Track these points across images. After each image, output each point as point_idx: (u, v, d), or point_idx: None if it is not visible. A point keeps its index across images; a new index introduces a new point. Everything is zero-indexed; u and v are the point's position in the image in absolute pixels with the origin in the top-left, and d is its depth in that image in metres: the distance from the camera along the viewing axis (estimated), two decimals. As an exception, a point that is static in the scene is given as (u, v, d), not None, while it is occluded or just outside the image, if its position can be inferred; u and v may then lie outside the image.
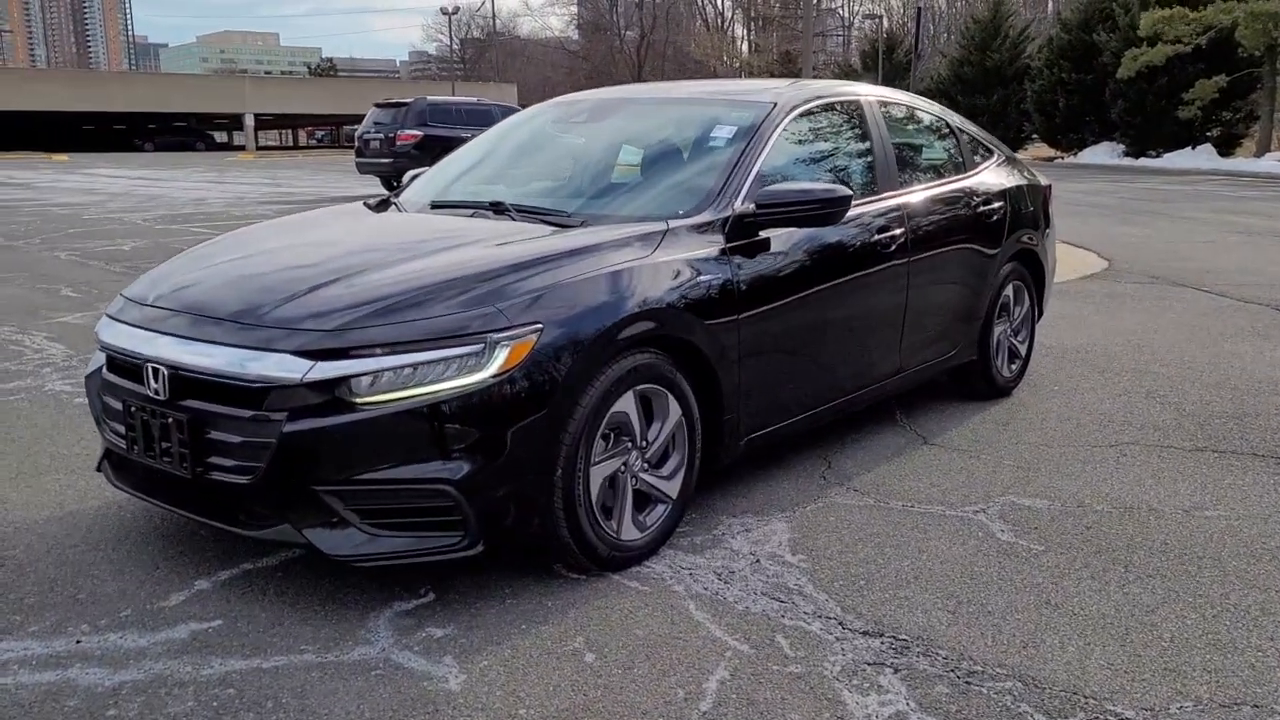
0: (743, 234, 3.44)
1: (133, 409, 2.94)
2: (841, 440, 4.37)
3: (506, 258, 3.02)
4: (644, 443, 3.12)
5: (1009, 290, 5.01)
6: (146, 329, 3.00)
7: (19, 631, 2.71)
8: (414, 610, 2.84)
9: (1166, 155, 31.28)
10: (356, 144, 21.09)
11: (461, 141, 4.94)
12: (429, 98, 21.02)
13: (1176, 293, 8.16)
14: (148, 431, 2.90)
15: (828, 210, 3.45)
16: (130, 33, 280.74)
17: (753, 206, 3.45)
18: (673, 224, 3.33)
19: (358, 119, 21.93)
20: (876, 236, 3.99)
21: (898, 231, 4.10)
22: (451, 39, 78.05)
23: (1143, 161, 31.57)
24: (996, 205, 4.83)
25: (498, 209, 3.66)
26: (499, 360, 2.70)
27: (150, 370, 2.87)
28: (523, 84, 68.13)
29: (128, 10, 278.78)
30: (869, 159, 4.26)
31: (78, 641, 2.66)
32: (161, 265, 3.54)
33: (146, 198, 19.00)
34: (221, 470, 2.78)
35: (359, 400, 2.65)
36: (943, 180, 4.66)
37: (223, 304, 2.94)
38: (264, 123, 64.95)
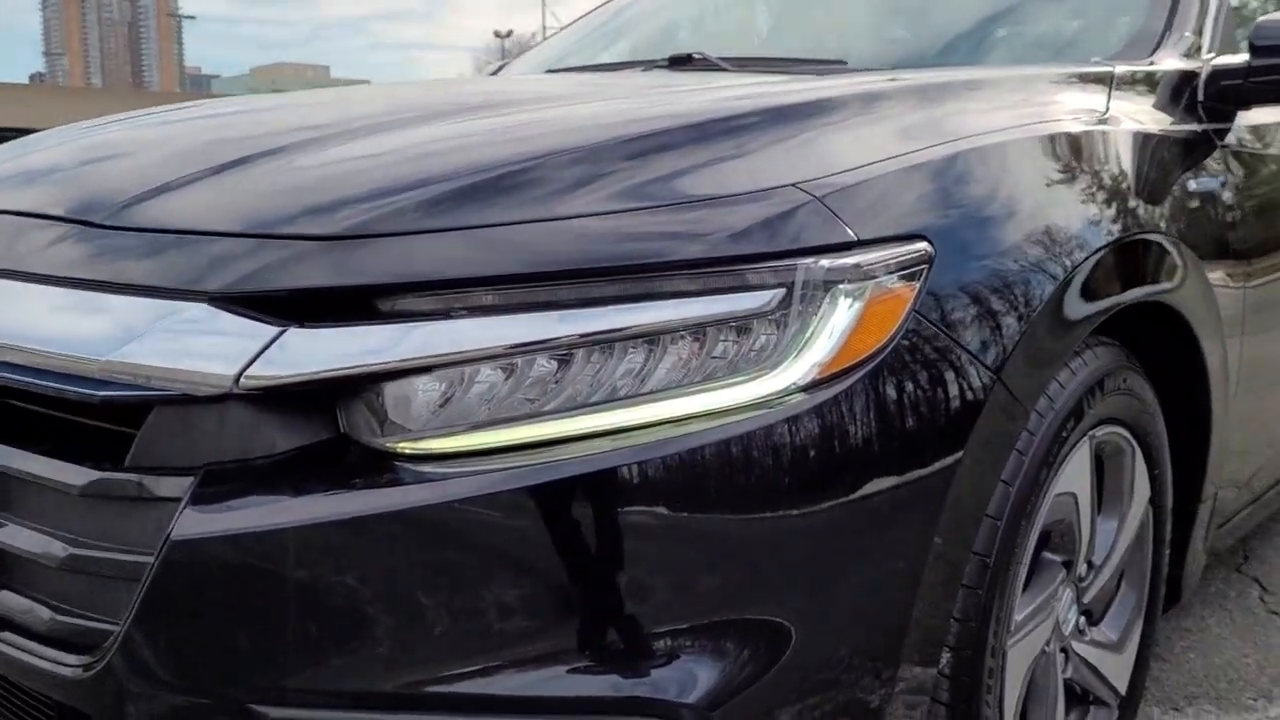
0: (1223, 107, 1.61)
1: None
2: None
3: (789, 94, 1.23)
4: (1085, 566, 1.29)
5: None
6: None
7: None
8: None
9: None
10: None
11: None
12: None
13: None
14: None
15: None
16: (182, 62, 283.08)
17: (1242, 57, 1.60)
18: (1119, 70, 1.51)
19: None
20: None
21: None
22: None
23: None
24: None
25: (683, 64, 1.85)
26: (830, 336, 0.88)
27: None
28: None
29: (179, 40, 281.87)
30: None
31: None
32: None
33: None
34: (15, 630, 0.97)
35: (400, 449, 0.84)
36: None
37: (67, 192, 1.15)
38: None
